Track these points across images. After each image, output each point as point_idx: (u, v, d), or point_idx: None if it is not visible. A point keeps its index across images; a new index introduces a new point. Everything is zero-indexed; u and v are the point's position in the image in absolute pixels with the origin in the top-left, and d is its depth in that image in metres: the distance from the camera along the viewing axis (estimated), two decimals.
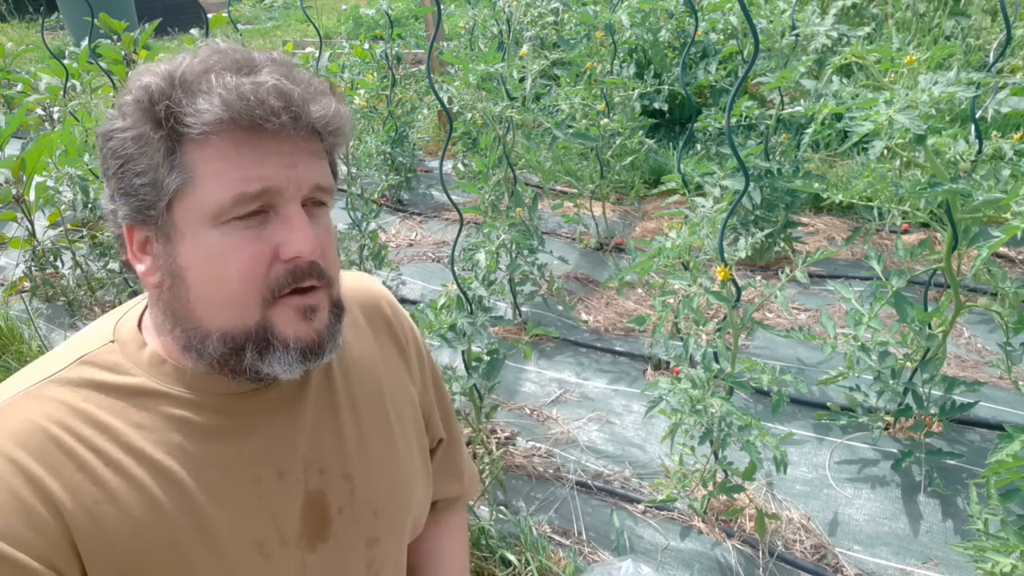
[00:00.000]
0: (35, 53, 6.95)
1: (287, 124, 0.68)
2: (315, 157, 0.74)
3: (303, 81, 0.73)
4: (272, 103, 0.68)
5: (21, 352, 2.80)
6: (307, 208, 0.74)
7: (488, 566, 1.82)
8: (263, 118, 0.67)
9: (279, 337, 0.72)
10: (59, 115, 3.44)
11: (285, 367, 0.73)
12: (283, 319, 0.73)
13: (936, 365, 1.94)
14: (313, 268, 0.73)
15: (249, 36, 9.47)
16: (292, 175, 0.71)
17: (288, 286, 0.72)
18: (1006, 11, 1.73)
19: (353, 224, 2.74)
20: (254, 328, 0.72)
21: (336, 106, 0.73)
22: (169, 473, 0.73)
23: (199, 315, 0.72)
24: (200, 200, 0.69)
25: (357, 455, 0.85)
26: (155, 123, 0.69)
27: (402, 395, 0.95)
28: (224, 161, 0.69)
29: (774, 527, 1.88)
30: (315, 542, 0.81)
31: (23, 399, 0.72)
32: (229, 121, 0.67)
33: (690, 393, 1.71)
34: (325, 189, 0.75)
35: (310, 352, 0.74)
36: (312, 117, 0.71)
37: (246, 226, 0.70)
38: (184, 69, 0.69)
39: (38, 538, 0.66)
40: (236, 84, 0.68)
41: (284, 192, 0.71)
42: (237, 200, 0.69)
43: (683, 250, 1.75)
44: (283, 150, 0.70)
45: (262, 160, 0.69)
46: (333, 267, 0.77)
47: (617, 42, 3.49)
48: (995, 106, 1.67)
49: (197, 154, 0.69)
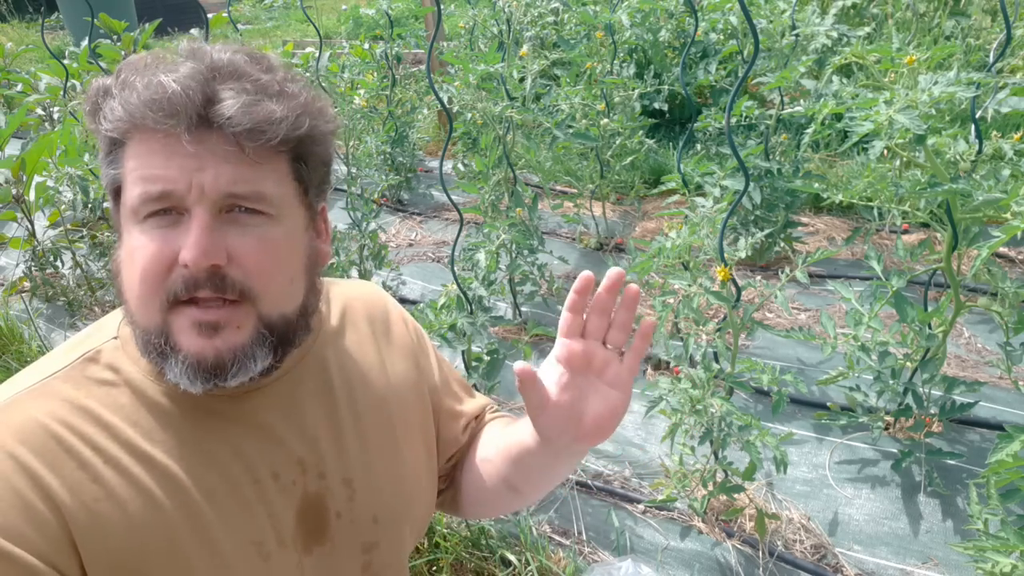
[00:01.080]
0: (35, 53, 6.95)
1: (180, 124, 0.66)
2: (236, 161, 0.69)
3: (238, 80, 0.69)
4: (168, 104, 0.66)
5: (21, 352, 2.80)
6: (231, 215, 0.70)
7: (488, 566, 1.82)
8: (156, 120, 0.66)
9: (173, 346, 0.70)
10: (59, 115, 3.44)
11: (178, 377, 0.70)
12: (178, 327, 0.70)
13: (936, 365, 1.94)
14: (212, 279, 0.68)
15: (249, 36, 9.47)
16: (196, 179, 0.67)
17: (184, 293, 0.68)
18: (1006, 11, 1.73)
19: (353, 224, 2.74)
20: (155, 330, 0.70)
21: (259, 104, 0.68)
22: (167, 472, 0.73)
23: (129, 310, 0.73)
24: (125, 197, 0.71)
25: (359, 461, 0.85)
26: (93, 121, 0.71)
27: (408, 400, 0.94)
28: (135, 160, 0.69)
29: (774, 527, 1.88)
30: (311, 545, 0.81)
31: (26, 396, 0.73)
32: (128, 122, 0.68)
33: (690, 393, 1.71)
34: (245, 196, 0.69)
35: (204, 370, 0.69)
36: (213, 116, 0.67)
37: (159, 225, 0.69)
38: (122, 68, 0.71)
39: (37, 535, 0.66)
40: (143, 85, 0.67)
41: (186, 196, 0.68)
42: (142, 200, 0.69)
43: (683, 250, 1.75)
44: (188, 152, 0.67)
45: (165, 161, 0.68)
46: (260, 282, 0.71)
47: (617, 42, 3.49)
48: (995, 106, 1.67)
49: (124, 153, 0.70)
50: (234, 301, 0.70)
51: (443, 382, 1.01)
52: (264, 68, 0.73)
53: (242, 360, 0.71)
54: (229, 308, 0.70)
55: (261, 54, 0.76)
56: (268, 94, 0.70)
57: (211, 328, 0.69)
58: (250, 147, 0.69)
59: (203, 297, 0.69)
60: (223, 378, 0.71)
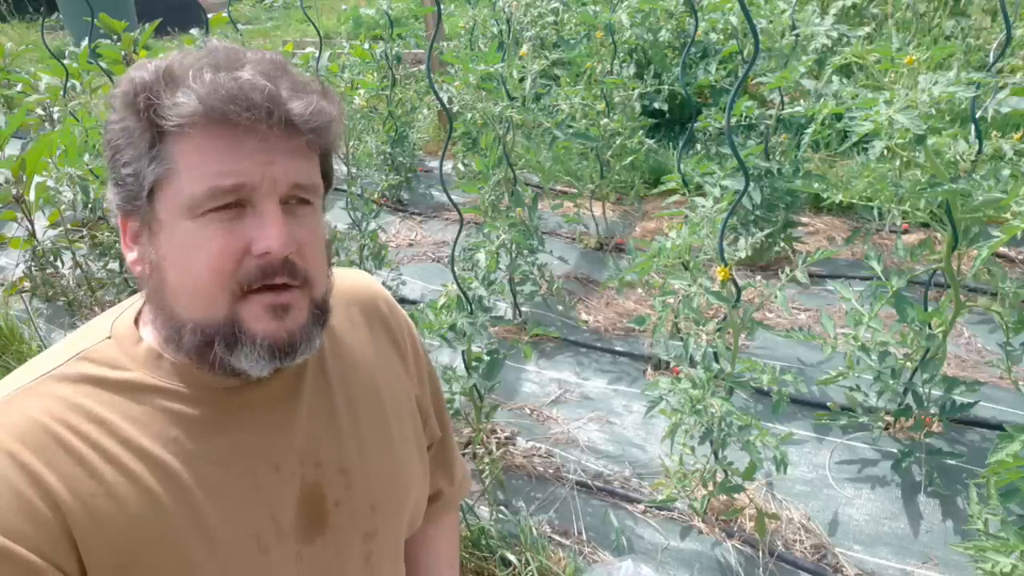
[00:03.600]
0: (35, 53, 6.94)
1: (262, 119, 0.69)
2: (297, 155, 0.73)
3: (289, 78, 0.73)
4: (247, 98, 0.68)
5: (21, 352, 2.80)
6: (288, 206, 0.73)
7: (488, 566, 1.82)
8: (236, 113, 0.68)
9: (247, 332, 0.72)
10: (59, 115, 3.44)
11: (252, 363, 0.73)
12: (252, 315, 0.72)
13: (936, 365, 1.94)
14: (286, 265, 0.72)
15: (249, 36, 9.47)
16: (268, 172, 0.71)
17: (257, 281, 0.71)
18: (1006, 11, 1.73)
19: (353, 224, 2.74)
20: (222, 322, 0.72)
21: (320, 103, 0.73)
22: (165, 467, 0.73)
23: (175, 306, 0.73)
24: (177, 192, 0.71)
25: (354, 450, 0.86)
26: (136, 115, 0.71)
27: (399, 392, 0.95)
28: (200, 154, 0.70)
29: (774, 527, 1.88)
30: (312, 535, 0.81)
31: (22, 395, 0.73)
32: (203, 115, 0.68)
33: (690, 393, 1.71)
34: (306, 187, 0.74)
35: (279, 351, 0.73)
36: (292, 114, 0.70)
37: (220, 219, 0.70)
38: (170, 64, 0.71)
39: (36, 532, 0.67)
40: (213, 79, 0.69)
41: (259, 188, 0.71)
42: (211, 193, 0.70)
43: (683, 250, 1.75)
44: (260, 146, 0.70)
45: (237, 155, 0.70)
46: (313, 267, 0.76)
47: (617, 42, 3.49)
48: (995, 106, 1.67)
49: (176, 147, 0.70)
50: (294, 287, 0.74)
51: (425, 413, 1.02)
52: (295, 68, 0.77)
53: (307, 338, 0.76)
54: (292, 292, 0.74)
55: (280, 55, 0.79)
56: (318, 94, 0.74)
57: (283, 310, 0.73)
58: (316, 144, 0.75)
59: (272, 284, 0.72)
60: (292, 356, 0.75)
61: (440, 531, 1.11)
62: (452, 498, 1.12)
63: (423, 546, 1.07)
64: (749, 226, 2.89)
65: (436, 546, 1.10)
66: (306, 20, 3.67)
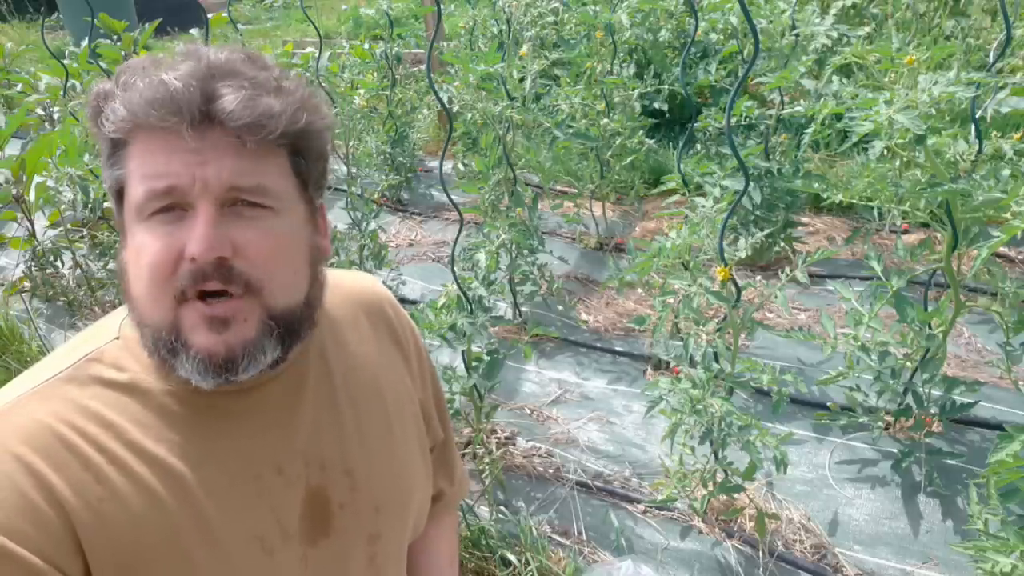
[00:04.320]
0: (35, 53, 6.94)
1: (185, 121, 0.68)
2: (237, 155, 0.70)
3: (236, 76, 0.71)
4: (170, 101, 0.67)
5: (21, 352, 2.80)
6: (234, 208, 0.71)
7: (488, 566, 1.82)
8: (160, 117, 0.68)
9: (184, 342, 0.71)
10: (59, 115, 3.44)
11: (190, 374, 0.71)
12: (189, 324, 0.71)
13: (936, 365, 1.94)
14: (219, 271, 0.69)
15: (249, 36, 9.47)
16: (199, 173, 0.69)
17: (191, 287, 0.69)
18: (1006, 11, 1.73)
19: (353, 224, 2.74)
20: (166, 328, 0.71)
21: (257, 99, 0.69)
22: (170, 470, 0.73)
23: (135, 309, 0.74)
24: (129, 197, 0.72)
25: (358, 451, 0.86)
26: (95, 125, 0.72)
27: (402, 395, 0.95)
28: (139, 159, 0.71)
29: (774, 527, 1.88)
30: (316, 537, 0.81)
31: (30, 398, 0.73)
32: (131, 121, 0.69)
33: (690, 393, 1.71)
34: (248, 189, 0.71)
35: (214, 366, 0.71)
36: (219, 113, 0.68)
37: (164, 222, 0.70)
38: (119, 71, 0.72)
39: (41, 534, 0.67)
40: (140, 85, 0.69)
41: (190, 191, 0.69)
42: (147, 197, 0.70)
43: (683, 250, 1.75)
44: (191, 147, 0.69)
45: (167, 158, 0.69)
46: (264, 274, 0.72)
47: (617, 42, 3.49)
48: (995, 106, 1.67)
49: (126, 152, 0.72)
50: (239, 296, 0.71)
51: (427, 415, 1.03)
52: (260, 66, 0.74)
53: (252, 353, 0.72)
54: (235, 302, 0.71)
55: (257, 54, 0.77)
56: (266, 90, 0.72)
57: (221, 323, 0.71)
58: (251, 141, 0.70)
59: (210, 291, 0.70)
60: (234, 372, 0.72)
61: (440, 531, 1.11)
62: (452, 498, 1.12)
63: (423, 546, 1.08)
64: (749, 226, 2.89)
65: (436, 546, 1.10)
66: (306, 20, 3.67)
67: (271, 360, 0.74)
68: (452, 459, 1.11)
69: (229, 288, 0.70)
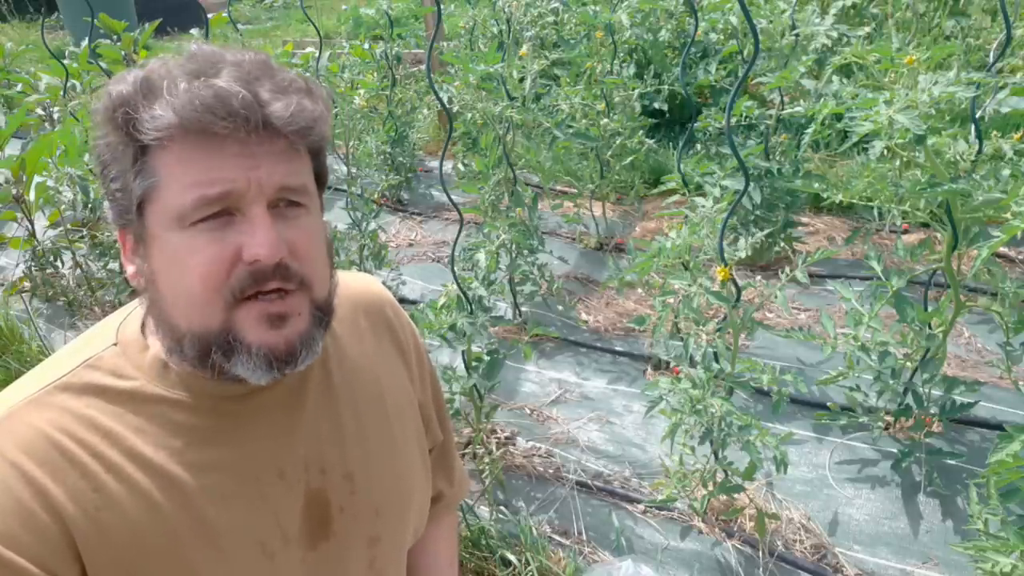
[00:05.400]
0: (35, 53, 6.94)
1: (240, 126, 0.68)
2: (282, 157, 0.72)
3: (270, 79, 0.72)
4: (224, 106, 0.67)
5: (21, 352, 2.80)
6: (278, 209, 0.73)
7: (488, 566, 1.82)
8: (214, 122, 0.67)
9: (242, 341, 0.71)
10: (59, 115, 3.44)
11: (250, 371, 0.72)
12: (247, 323, 0.71)
13: (936, 365, 1.94)
14: (278, 270, 0.71)
15: (249, 36, 9.47)
16: (254, 177, 0.70)
17: (250, 288, 0.70)
18: (1006, 11, 1.73)
19: (353, 224, 2.74)
20: (218, 330, 0.71)
21: (302, 103, 0.71)
22: (169, 476, 0.73)
23: (173, 317, 0.73)
24: (164, 204, 0.70)
25: (358, 455, 0.86)
26: (117, 131, 0.71)
27: (402, 397, 0.95)
28: (183, 166, 0.69)
29: (774, 527, 1.88)
30: (316, 541, 0.81)
31: (30, 406, 0.73)
32: (179, 126, 0.68)
33: (690, 393, 1.71)
34: (295, 189, 0.73)
35: (276, 360, 0.72)
36: (272, 117, 0.69)
37: (209, 228, 0.70)
38: (148, 75, 0.70)
39: (36, 542, 0.67)
40: (187, 89, 0.68)
41: (245, 194, 0.70)
42: (198, 203, 0.69)
43: (683, 250, 1.75)
44: (244, 152, 0.69)
45: (220, 163, 0.69)
46: (310, 269, 0.75)
47: (617, 42, 3.49)
48: (995, 106, 1.67)
49: (159, 160, 0.70)
50: (291, 291, 0.73)
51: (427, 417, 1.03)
52: (277, 68, 0.75)
53: (309, 344, 0.75)
54: (289, 298, 0.73)
55: (265, 54, 0.77)
56: (302, 93, 0.73)
57: (280, 319, 0.72)
58: (300, 145, 0.74)
59: (266, 290, 0.71)
60: (293, 365, 0.74)
61: (440, 532, 1.11)
62: (452, 499, 1.12)
63: (423, 547, 1.08)
64: (749, 226, 2.89)
65: (435, 547, 1.10)
66: (306, 20, 3.67)
67: (320, 349, 0.77)
68: (451, 460, 1.11)
69: (286, 286, 0.72)
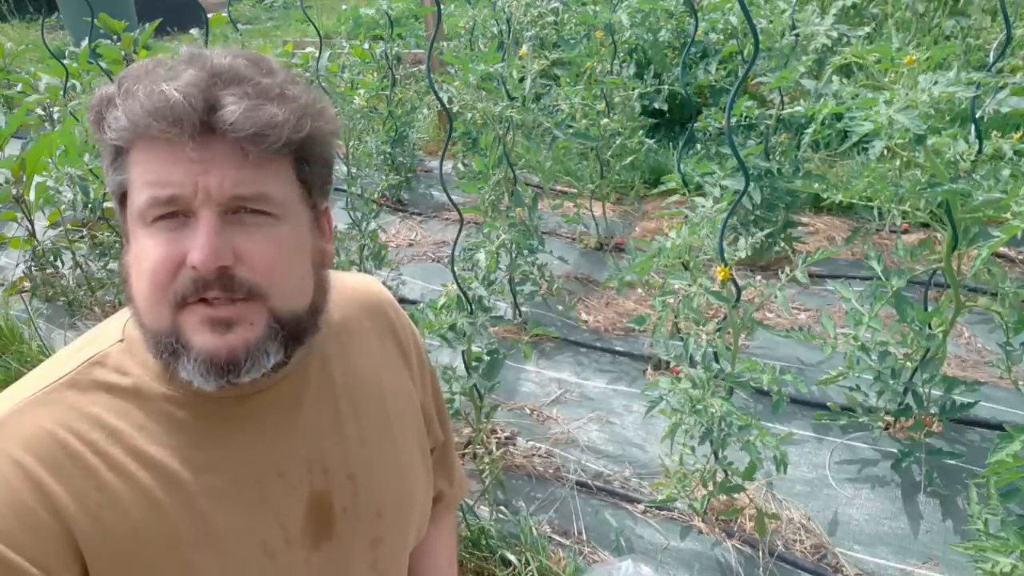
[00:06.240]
0: (35, 53, 6.94)
1: (185, 131, 0.67)
2: (240, 164, 0.69)
3: (242, 85, 0.70)
4: (169, 112, 0.66)
5: (21, 352, 2.80)
6: (237, 216, 0.70)
7: (488, 566, 1.82)
8: (160, 127, 0.67)
9: (185, 344, 0.70)
10: (59, 115, 3.44)
11: (193, 376, 0.71)
12: (190, 326, 0.70)
13: (936, 365, 1.94)
14: (221, 279, 0.69)
15: (249, 36, 9.47)
16: (202, 182, 0.68)
17: (192, 295, 0.69)
18: (1006, 11, 1.73)
19: (353, 224, 2.74)
20: (167, 331, 0.71)
21: (262, 109, 0.69)
22: (171, 475, 0.73)
23: (138, 313, 0.74)
24: (132, 202, 0.72)
25: (360, 456, 0.86)
26: (97, 129, 0.72)
27: (403, 398, 0.95)
28: (142, 166, 0.70)
29: (774, 527, 1.88)
30: (319, 541, 0.82)
31: (33, 403, 0.73)
32: (132, 131, 0.69)
33: (690, 393, 1.71)
34: (249, 198, 0.70)
35: (216, 366, 0.70)
36: (220, 123, 0.67)
37: (167, 228, 0.70)
38: (122, 78, 0.71)
39: (36, 541, 0.67)
40: (140, 94, 0.68)
41: (193, 200, 0.68)
42: (151, 204, 0.69)
43: (683, 250, 1.75)
44: (195, 157, 0.68)
45: (171, 167, 0.69)
46: (268, 280, 0.71)
47: (617, 42, 3.49)
48: (995, 106, 1.67)
49: (130, 158, 0.71)
50: (243, 299, 0.71)
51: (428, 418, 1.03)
52: (264, 71, 0.73)
53: (255, 355, 0.72)
54: (240, 305, 0.71)
55: (261, 57, 0.76)
56: (269, 98, 0.70)
57: (224, 325, 0.70)
58: (253, 151, 0.69)
59: (212, 297, 0.70)
60: (236, 374, 0.71)
61: (439, 532, 1.11)
62: (452, 499, 1.13)
63: (422, 546, 1.08)
64: (749, 226, 2.89)
65: (435, 547, 1.10)
66: (306, 20, 3.67)
67: (273, 363, 0.74)
68: (451, 460, 1.11)
69: (231, 295, 0.70)
